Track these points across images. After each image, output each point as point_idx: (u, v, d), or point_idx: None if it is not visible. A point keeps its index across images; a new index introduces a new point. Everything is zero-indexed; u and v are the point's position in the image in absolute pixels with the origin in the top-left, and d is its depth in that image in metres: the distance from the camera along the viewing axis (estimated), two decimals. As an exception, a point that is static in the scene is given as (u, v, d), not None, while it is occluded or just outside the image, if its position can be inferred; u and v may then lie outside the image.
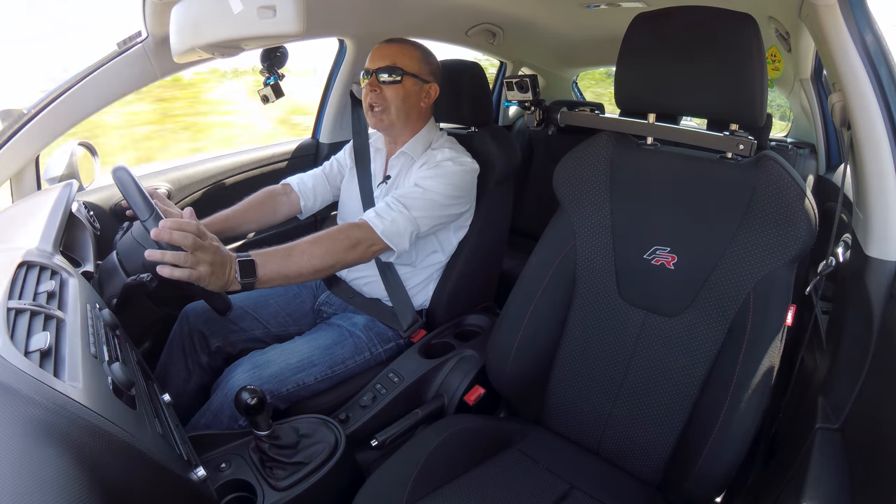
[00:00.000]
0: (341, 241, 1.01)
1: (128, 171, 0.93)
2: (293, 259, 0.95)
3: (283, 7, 0.70)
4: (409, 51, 1.19)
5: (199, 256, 0.82)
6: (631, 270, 0.97)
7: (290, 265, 0.94)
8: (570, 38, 2.18)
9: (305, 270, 0.96)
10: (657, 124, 0.97)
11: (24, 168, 1.09)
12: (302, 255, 0.96)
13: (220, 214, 1.23)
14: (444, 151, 1.20)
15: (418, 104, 1.21)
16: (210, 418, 1.03)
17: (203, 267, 0.82)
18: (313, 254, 0.97)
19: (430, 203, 1.12)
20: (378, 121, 1.20)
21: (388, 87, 1.17)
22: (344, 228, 1.04)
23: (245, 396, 0.79)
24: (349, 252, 1.02)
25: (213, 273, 0.83)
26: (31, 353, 0.52)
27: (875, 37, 0.74)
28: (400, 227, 1.07)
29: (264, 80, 1.38)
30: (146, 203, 0.86)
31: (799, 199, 0.82)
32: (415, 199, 1.11)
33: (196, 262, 0.81)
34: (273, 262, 0.92)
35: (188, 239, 0.80)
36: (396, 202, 1.09)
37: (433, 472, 0.88)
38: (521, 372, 1.03)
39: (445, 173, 1.15)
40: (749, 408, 0.80)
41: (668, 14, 0.89)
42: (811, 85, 1.81)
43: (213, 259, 0.83)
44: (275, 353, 1.09)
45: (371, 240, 1.05)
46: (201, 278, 0.82)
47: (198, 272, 0.81)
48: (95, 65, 1.10)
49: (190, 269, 0.81)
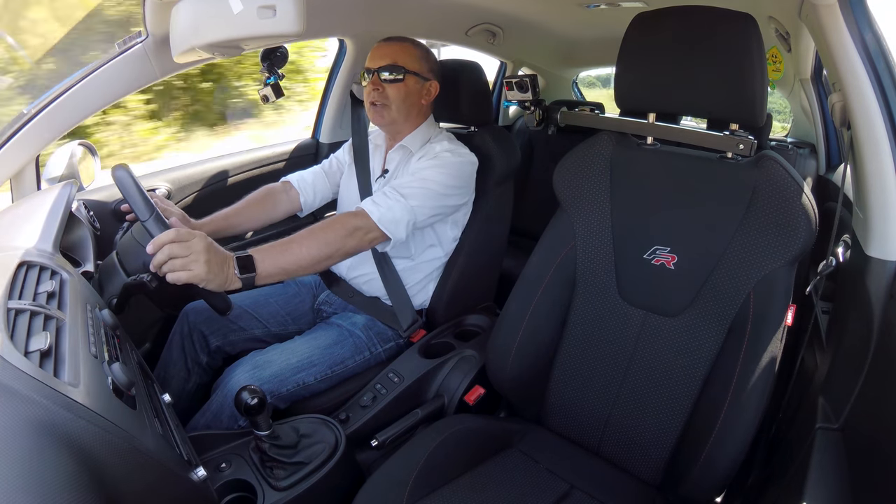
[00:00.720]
0: (338, 229, 1.01)
1: (128, 170, 0.93)
2: (292, 251, 0.94)
3: (283, 7, 0.70)
4: (409, 49, 1.19)
5: (193, 254, 0.81)
6: (631, 270, 0.97)
7: (288, 257, 0.93)
8: (570, 38, 2.18)
9: (305, 262, 0.95)
10: (657, 124, 0.97)
11: (24, 168, 1.09)
12: (300, 246, 0.95)
13: (220, 213, 1.23)
14: (443, 143, 1.21)
15: (419, 101, 1.22)
16: (210, 418, 1.03)
17: (198, 266, 0.81)
18: (311, 244, 0.96)
19: (427, 192, 1.11)
20: (380, 117, 1.21)
21: (391, 85, 1.17)
22: (340, 217, 1.04)
23: (245, 396, 0.79)
24: (347, 240, 1.01)
25: (210, 270, 0.83)
26: (31, 353, 0.52)
27: (875, 37, 0.74)
28: (396, 214, 1.06)
29: (264, 80, 1.38)
30: (146, 203, 0.86)
31: (799, 199, 0.82)
32: (412, 188, 1.10)
33: (189, 262, 0.81)
34: (271, 257, 0.91)
35: (176, 252, 0.80)
36: (393, 191, 1.09)
37: (433, 472, 0.88)
38: (521, 372, 1.03)
39: (444, 163, 1.15)
40: (749, 408, 0.80)
41: (668, 14, 0.89)
42: (811, 85, 1.81)
43: (209, 257, 0.83)
44: (275, 353, 1.09)
45: (368, 227, 1.04)
46: (199, 277, 0.81)
47: (195, 271, 0.81)
48: (95, 65, 1.10)
49: (187, 270, 0.81)
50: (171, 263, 0.80)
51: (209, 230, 1.20)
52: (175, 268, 0.80)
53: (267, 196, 1.31)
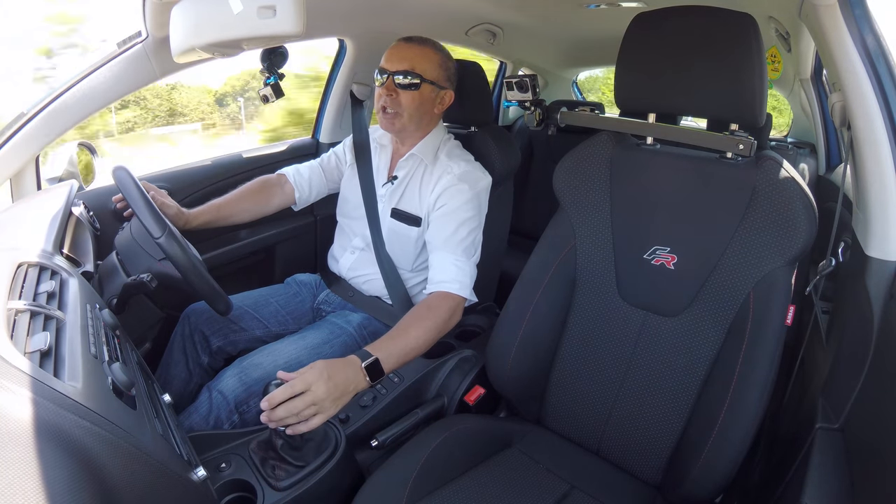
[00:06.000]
0: (442, 314, 1.05)
1: (128, 171, 0.93)
2: (407, 342, 0.97)
3: (283, 7, 0.70)
4: (430, 54, 1.16)
5: (318, 403, 0.80)
6: (631, 270, 0.97)
7: (405, 349, 0.97)
8: (570, 38, 2.18)
9: (420, 348, 1.00)
10: (657, 124, 0.97)
11: (24, 168, 1.09)
12: (409, 337, 0.98)
13: (213, 203, 1.23)
14: (459, 164, 1.20)
15: (432, 110, 1.20)
16: (197, 420, 1.02)
17: (330, 408, 0.82)
18: (419, 333, 1.00)
19: (476, 239, 1.18)
20: (390, 125, 1.18)
21: (405, 91, 1.14)
22: (436, 301, 1.07)
23: (272, 390, 0.79)
24: (449, 322, 1.06)
25: (341, 400, 0.84)
26: (31, 353, 0.52)
27: (875, 37, 0.74)
28: (473, 277, 1.14)
29: (264, 80, 1.38)
30: (146, 203, 0.86)
31: (799, 198, 0.82)
32: (467, 244, 1.15)
33: (319, 410, 0.81)
34: (392, 354, 0.94)
35: (297, 408, 0.78)
36: (461, 258, 1.13)
37: (433, 472, 0.88)
38: (521, 372, 1.03)
39: (472, 199, 1.17)
40: (749, 408, 0.80)
41: (667, 14, 0.89)
42: (811, 85, 1.81)
43: (336, 394, 0.83)
44: (262, 355, 1.08)
45: (460, 302, 1.10)
46: (332, 414, 0.83)
47: (328, 414, 0.82)
48: (95, 65, 1.10)
49: (320, 416, 0.81)
50: (301, 416, 0.79)
51: (201, 221, 1.20)
52: (304, 418, 0.79)
53: (261, 189, 1.31)
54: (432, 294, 1.09)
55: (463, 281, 1.11)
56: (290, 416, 0.78)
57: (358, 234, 1.31)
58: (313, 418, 0.80)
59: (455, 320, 1.09)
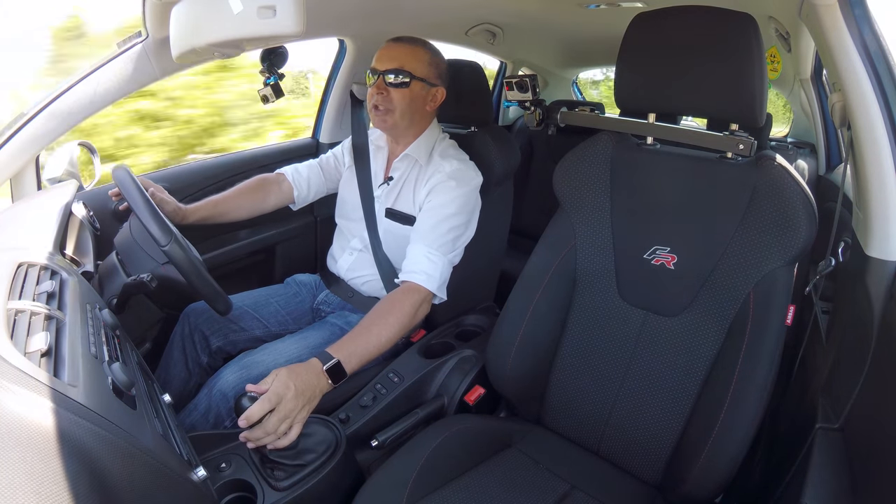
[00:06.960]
0: (405, 309, 1.03)
1: (128, 171, 0.93)
2: (368, 340, 0.96)
3: (283, 7, 0.70)
4: (419, 53, 1.17)
5: (292, 412, 0.81)
6: (631, 270, 0.97)
7: (367, 347, 0.96)
8: (570, 38, 2.18)
9: (383, 346, 0.99)
10: (657, 124, 0.97)
11: (24, 168, 1.09)
12: (371, 334, 0.98)
13: (210, 199, 1.23)
14: (452, 162, 1.20)
15: (423, 107, 1.21)
16: (196, 418, 1.02)
17: (301, 413, 0.83)
18: (381, 330, 0.99)
19: (456, 238, 1.16)
20: (382, 122, 1.19)
21: (396, 89, 1.15)
22: (400, 296, 1.06)
23: (245, 404, 0.78)
24: (413, 318, 1.05)
25: (311, 403, 0.84)
26: (31, 353, 0.52)
27: (875, 37, 0.74)
28: (445, 274, 1.12)
29: (264, 80, 1.38)
30: (146, 203, 0.86)
31: (799, 198, 0.82)
32: (445, 241, 1.14)
33: (294, 421, 0.82)
34: (354, 354, 0.93)
35: (273, 426, 0.79)
36: (432, 252, 1.11)
37: (433, 472, 0.88)
38: (521, 372, 1.03)
39: (459, 197, 1.16)
40: (749, 407, 0.80)
41: (667, 14, 0.89)
42: (811, 85, 1.81)
43: (303, 400, 0.83)
44: (264, 353, 1.08)
45: (426, 297, 1.08)
46: (305, 418, 0.84)
47: (302, 418, 0.83)
48: (95, 65, 1.10)
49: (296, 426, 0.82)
50: (278, 433, 0.80)
51: (198, 216, 1.20)
52: (281, 434, 0.80)
53: (259, 187, 1.31)
54: (399, 288, 1.09)
55: (432, 274, 1.09)
56: (267, 436, 0.79)
57: (356, 236, 1.31)
58: (290, 431, 0.81)
59: (421, 315, 1.07)
